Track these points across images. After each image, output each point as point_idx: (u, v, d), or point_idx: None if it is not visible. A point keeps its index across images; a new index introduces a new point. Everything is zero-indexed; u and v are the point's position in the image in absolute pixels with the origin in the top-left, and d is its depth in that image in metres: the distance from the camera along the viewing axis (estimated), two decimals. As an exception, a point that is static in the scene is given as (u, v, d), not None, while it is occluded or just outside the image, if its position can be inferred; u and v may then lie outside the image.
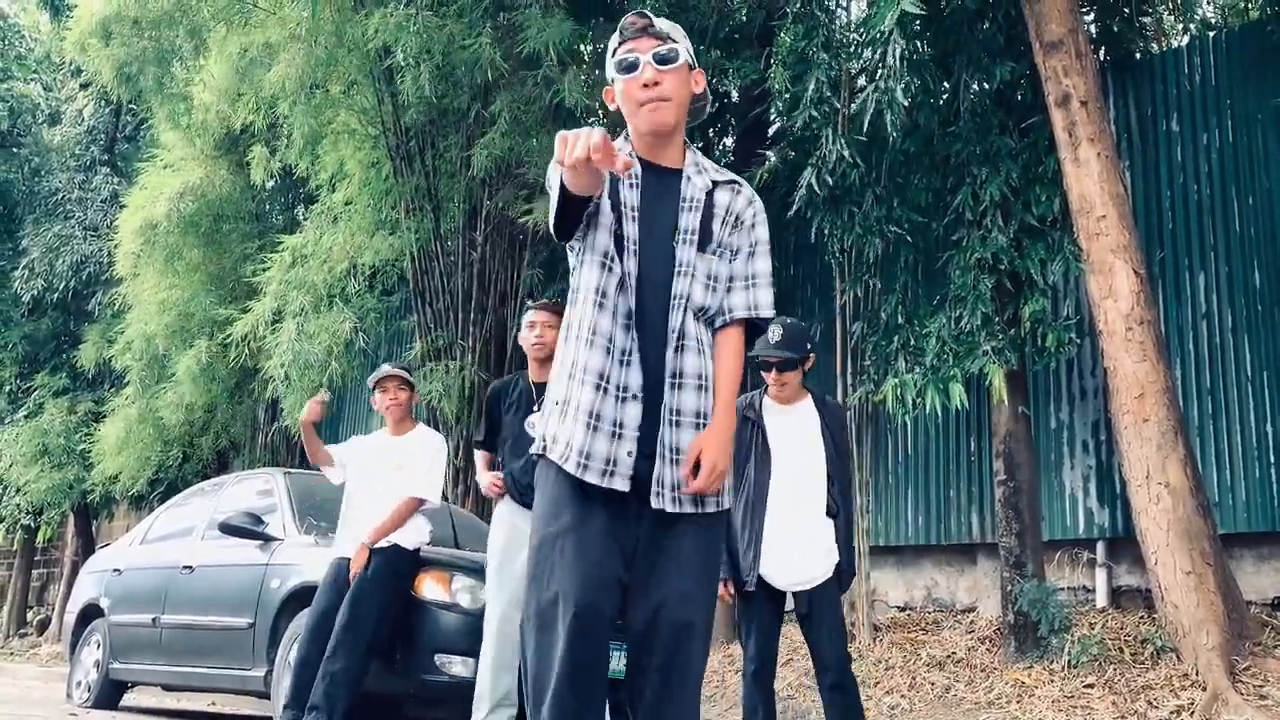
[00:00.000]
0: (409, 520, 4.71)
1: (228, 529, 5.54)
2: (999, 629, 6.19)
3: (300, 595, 5.02)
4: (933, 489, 7.15)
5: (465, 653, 4.57)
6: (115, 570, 6.84)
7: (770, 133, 8.47)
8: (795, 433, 3.79)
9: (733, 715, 6.05)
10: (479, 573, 4.70)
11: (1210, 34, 6.93)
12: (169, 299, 11.12)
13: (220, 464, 12.33)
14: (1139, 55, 6.87)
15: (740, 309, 2.29)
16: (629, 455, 2.15)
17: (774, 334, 3.73)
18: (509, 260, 8.50)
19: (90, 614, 6.91)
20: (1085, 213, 5.68)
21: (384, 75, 8.23)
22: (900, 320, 6.64)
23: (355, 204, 8.92)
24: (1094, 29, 6.90)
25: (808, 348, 3.81)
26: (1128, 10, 6.83)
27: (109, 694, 6.54)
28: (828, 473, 3.76)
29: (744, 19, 7.75)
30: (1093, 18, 6.96)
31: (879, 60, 6.16)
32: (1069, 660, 5.46)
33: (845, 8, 7.49)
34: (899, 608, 7.23)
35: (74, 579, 9.65)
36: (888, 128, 6.02)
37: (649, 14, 2.27)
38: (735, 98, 8.62)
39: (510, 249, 8.51)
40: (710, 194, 2.29)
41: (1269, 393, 5.96)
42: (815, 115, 6.39)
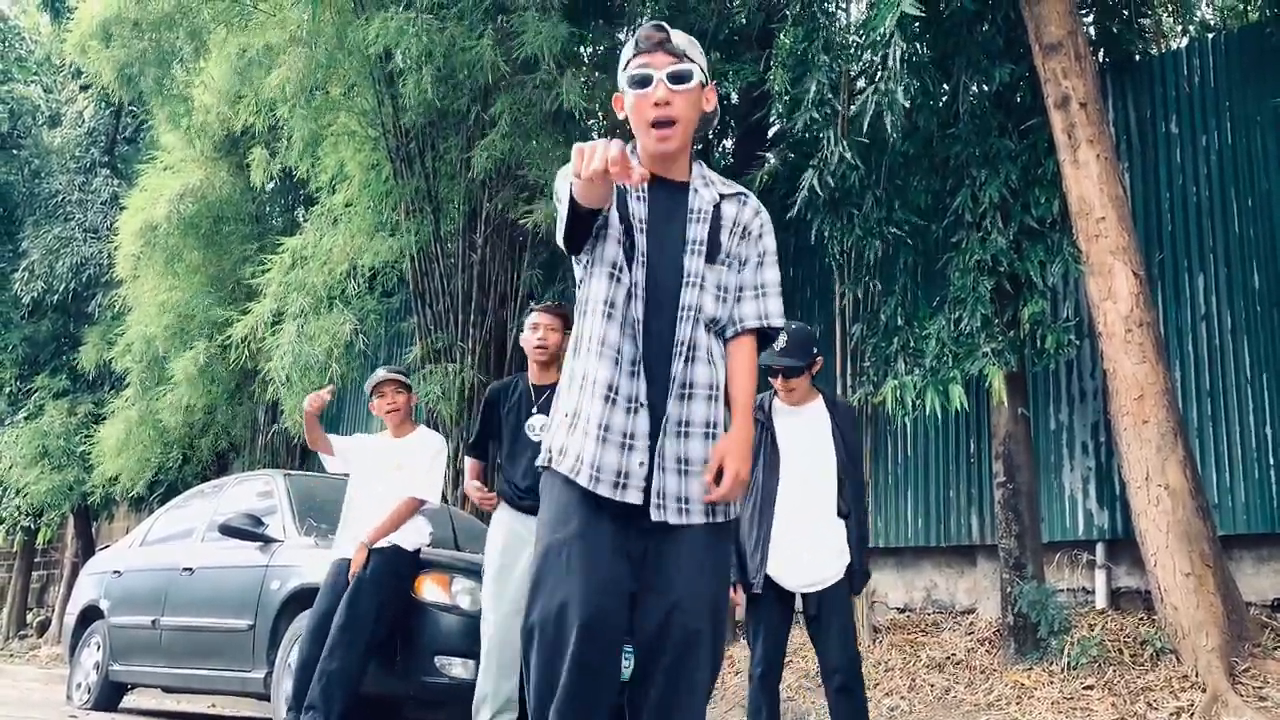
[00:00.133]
0: (409, 521, 4.70)
1: (228, 531, 5.54)
2: (998, 630, 6.19)
3: (300, 597, 5.02)
4: (932, 490, 7.15)
5: (465, 654, 4.57)
6: (115, 572, 6.84)
7: (770, 135, 8.48)
8: (805, 434, 3.78)
9: (732, 716, 6.04)
10: (479, 574, 4.70)
11: (1209, 36, 6.94)
12: (169, 301, 11.13)
13: (220, 466, 12.33)
14: (1138, 57, 6.86)
15: (751, 318, 2.28)
16: (640, 466, 2.13)
17: (779, 340, 3.68)
18: (509, 262, 8.49)
19: (90, 616, 6.91)
20: (1084, 214, 5.68)
21: (384, 78, 8.23)
22: (900, 322, 6.64)
23: (355, 206, 8.92)
24: (1093, 31, 6.90)
25: (814, 352, 3.79)
26: (1127, 12, 6.83)
27: (109, 696, 6.54)
28: (838, 474, 3.74)
29: (744, 21, 7.74)
30: (1092, 20, 6.96)
31: (879, 62, 6.16)
32: (1068, 662, 5.46)
33: (845, 10, 7.49)
34: (899, 609, 7.23)
35: (74, 581, 9.65)
36: (888, 129, 6.03)
37: (666, 27, 2.22)
38: (735, 100, 8.63)
39: (510, 251, 8.50)
40: (717, 206, 2.28)
41: (1268, 394, 5.96)
42: (816, 117, 6.39)
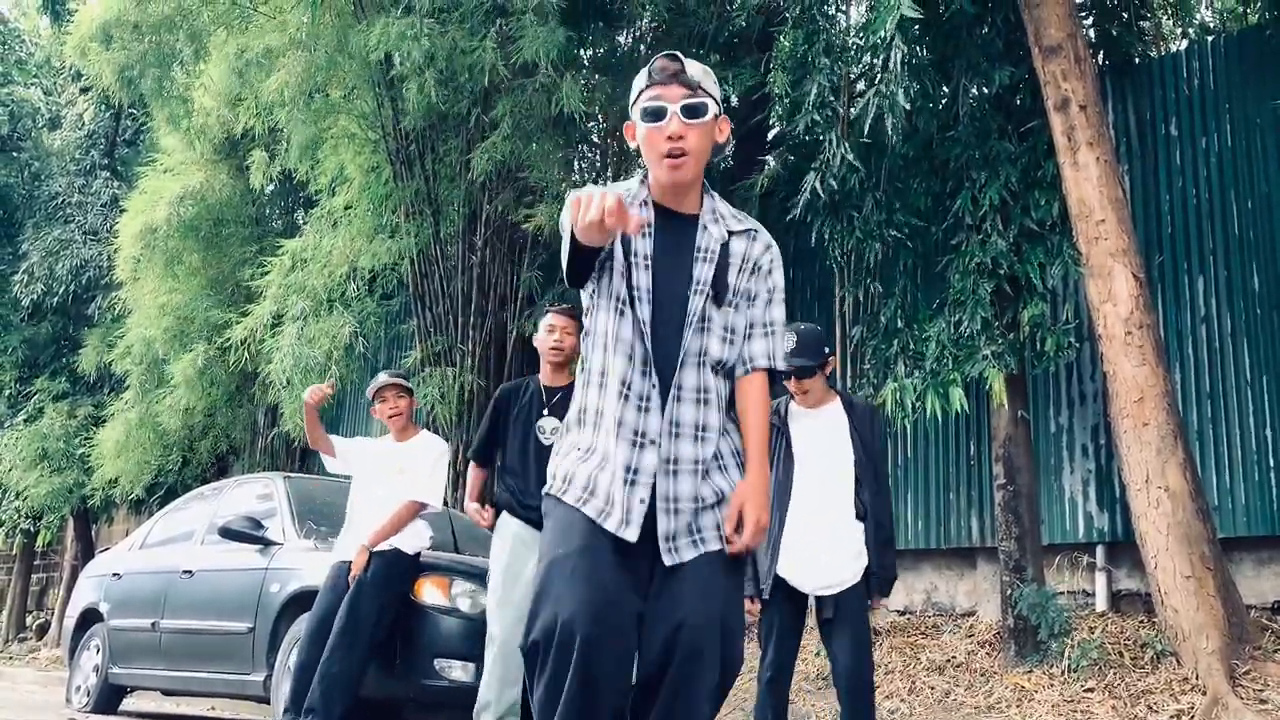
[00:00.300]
0: (409, 524, 4.70)
1: (227, 533, 5.54)
2: (999, 633, 6.18)
3: (300, 599, 5.02)
4: (932, 493, 7.15)
5: (465, 658, 4.57)
6: (115, 575, 6.83)
7: (770, 138, 8.48)
8: (822, 435, 3.75)
9: (732, 718, 6.04)
10: (479, 577, 4.69)
11: (1209, 38, 6.95)
12: (169, 303, 11.14)
13: (220, 468, 12.34)
14: (1138, 60, 6.87)
15: (760, 358, 2.25)
16: (641, 504, 2.10)
17: (789, 342, 3.62)
18: (509, 264, 8.49)
19: (90, 618, 6.91)
20: (1084, 217, 5.68)
21: (384, 81, 8.23)
22: (900, 324, 6.64)
23: (355, 208, 8.92)
24: (1093, 33, 6.90)
25: (826, 352, 3.75)
26: (1126, 15, 6.83)
27: (108, 698, 6.54)
28: (855, 475, 3.71)
29: (744, 24, 7.75)
30: (1091, 22, 6.96)
31: (879, 65, 6.17)
32: (1069, 664, 5.45)
33: (845, 12, 7.49)
34: (898, 612, 7.22)
35: (73, 583, 9.65)
36: (888, 132, 6.03)
37: (681, 58, 2.19)
38: (735, 103, 8.63)
39: (510, 253, 8.50)
40: (725, 245, 2.23)
41: (1268, 397, 5.96)
42: (817, 120, 6.40)
